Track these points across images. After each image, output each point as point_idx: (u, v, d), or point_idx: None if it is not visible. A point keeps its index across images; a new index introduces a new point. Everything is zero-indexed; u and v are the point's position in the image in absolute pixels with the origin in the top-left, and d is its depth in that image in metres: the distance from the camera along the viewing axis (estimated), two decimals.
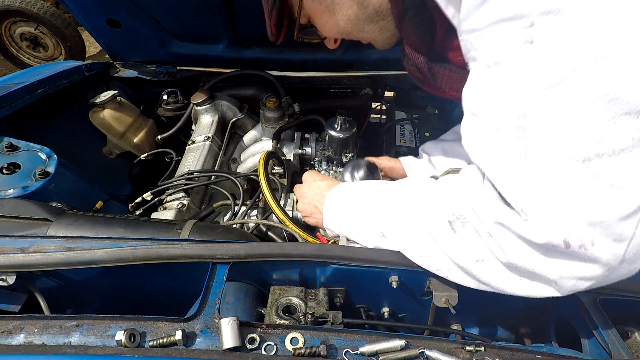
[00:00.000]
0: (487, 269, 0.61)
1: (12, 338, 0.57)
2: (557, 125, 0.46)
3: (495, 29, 0.48)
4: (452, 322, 0.88)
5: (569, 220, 0.49)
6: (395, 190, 0.80)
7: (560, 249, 0.51)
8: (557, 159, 0.48)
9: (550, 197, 0.49)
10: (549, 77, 0.45)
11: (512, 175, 0.52)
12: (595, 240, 0.48)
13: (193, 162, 1.36)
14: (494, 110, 0.52)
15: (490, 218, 0.56)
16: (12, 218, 0.86)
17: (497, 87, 0.51)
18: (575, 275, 0.53)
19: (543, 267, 0.54)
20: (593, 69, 0.42)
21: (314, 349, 0.57)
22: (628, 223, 0.47)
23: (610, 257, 0.49)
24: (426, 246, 0.68)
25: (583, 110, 0.44)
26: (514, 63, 0.48)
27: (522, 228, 0.52)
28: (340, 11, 0.80)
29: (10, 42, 3.92)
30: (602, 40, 0.41)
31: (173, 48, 1.61)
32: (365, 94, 1.62)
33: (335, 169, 1.43)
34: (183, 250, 0.70)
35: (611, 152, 0.45)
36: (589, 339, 0.69)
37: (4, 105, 1.27)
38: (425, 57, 0.79)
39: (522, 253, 0.55)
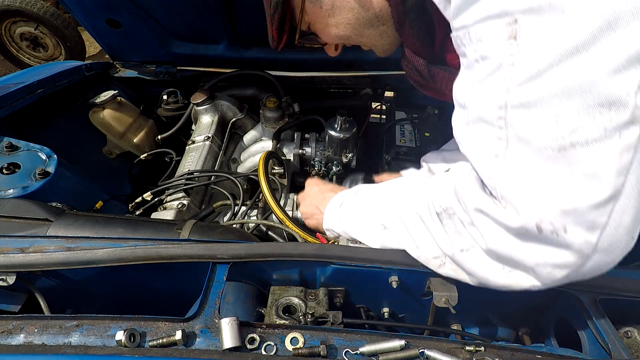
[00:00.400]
0: (471, 258, 0.63)
1: (12, 338, 0.57)
2: (535, 115, 0.49)
3: (483, 25, 0.51)
4: (452, 322, 0.88)
5: (542, 206, 0.51)
6: (393, 186, 0.84)
7: (533, 234, 0.53)
8: (534, 147, 0.50)
9: (527, 183, 0.52)
10: (529, 70, 0.48)
11: (494, 163, 0.55)
12: (567, 227, 0.50)
13: (193, 162, 1.36)
14: (480, 101, 0.55)
15: (471, 205, 0.59)
16: (12, 218, 0.86)
17: (483, 80, 0.54)
18: (550, 262, 0.54)
19: (520, 252, 0.56)
20: (569, 63, 0.45)
21: (314, 349, 0.57)
22: (600, 212, 0.48)
23: (583, 244, 0.51)
24: (421, 236, 0.71)
25: (559, 101, 0.47)
26: (499, 57, 0.50)
27: (500, 214, 0.55)
28: (341, 15, 0.81)
29: (10, 42, 3.92)
30: (577, 36, 0.44)
31: (173, 48, 1.61)
32: (365, 94, 1.62)
33: (335, 169, 1.43)
34: (183, 250, 0.70)
35: (584, 142, 0.47)
36: (589, 339, 0.69)
37: (4, 105, 1.27)
38: (425, 60, 0.80)
39: (500, 239, 0.57)
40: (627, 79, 0.43)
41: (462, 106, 0.61)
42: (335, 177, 1.44)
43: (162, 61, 1.68)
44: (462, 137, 0.62)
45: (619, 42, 0.43)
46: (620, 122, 0.45)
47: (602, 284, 0.70)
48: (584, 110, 0.46)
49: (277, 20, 0.86)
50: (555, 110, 0.47)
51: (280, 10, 0.84)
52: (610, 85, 0.44)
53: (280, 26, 0.88)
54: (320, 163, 1.44)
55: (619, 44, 0.43)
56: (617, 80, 0.44)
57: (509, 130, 0.52)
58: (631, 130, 0.45)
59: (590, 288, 0.70)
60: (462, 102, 0.60)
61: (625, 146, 0.46)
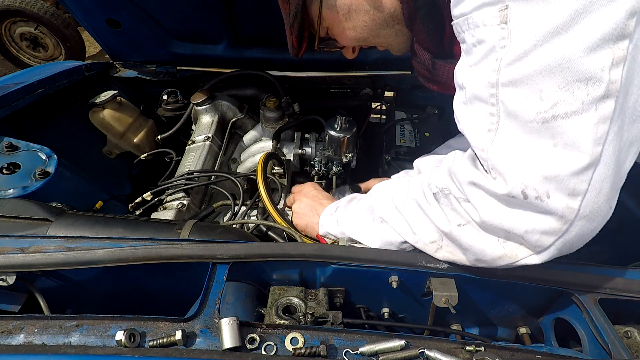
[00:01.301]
0: (467, 232, 0.66)
1: (12, 338, 0.57)
2: (522, 92, 0.54)
3: (479, 12, 0.56)
4: (452, 322, 0.88)
5: (527, 174, 0.55)
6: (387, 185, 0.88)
7: (520, 201, 0.57)
8: (521, 121, 0.55)
9: (514, 154, 0.57)
10: (517, 51, 0.53)
11: (487, 137, 0.59)
12: (550, 193, 0.55)
13: (193, 162, 1.36)
14: (475, 81, 0.60)
15: (465, 180, 0.64)
16: (12, 218, 0.86)
17: (479, 62, 0.59)
18: (538, 228, 0.58)
19: (509, 220, 0.60)
20: (550, 43, 0.50)
21: (314, 349, 0.57)
22: (580, 179, 0.53)
23: (565, 210, 0.55)
24: (418, 220, 0.74)
25: (542, 78, 0.51)
26: (492, 40, 0.55)
27: (491, 184, 0.59)
28: (357, 17, 0.85)
29: (10, 42, 3.92)
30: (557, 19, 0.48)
31: (173, 48, 1.61)
32: (365, 94, 1.62)
33: (335, 169, 1.43)
34: (183, 250, 0.70)
35: (564, 114, 0.51)
36: (589, 339, 0.69)
37: (4, 105, 1.27)
38: (431, 55, 0.84)
39: (491, 209, 0.61)
40: (602, 56, 0.48)
41: (460, 87, 0.65)
42: (335, 177, 1.44)
43: (162, 61, 1.68)
44: (460, 115, 0.67)
45: (594, 24, 0.47)
46: (596, 96, 0.49)
47: (602, 284, 0.70)
48: (564, 86, 0.50)
49: (296, 29, 0.90)
50: (540, 87, 0.52)
51: (299, 18, 0.88)
52: (587, 63, 0.48)
53: (300, 34, 0.92)
54: (320, 163, 1.44)
55: (594, 25, 0.47)
56: (593, 58, 0.48)
57: (499, 107, 0.57)
58: (606, 104, 0.49)
59: (590, 288, 0.70)
60: (461, 83, 0.65)
61: (601, 118, 0.50)
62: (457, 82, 0.66)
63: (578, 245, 0.61)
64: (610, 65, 0.48)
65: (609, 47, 0.47)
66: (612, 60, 0.48)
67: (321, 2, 0.86)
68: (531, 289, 0.73)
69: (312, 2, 0.87)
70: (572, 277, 0.70)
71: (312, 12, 0.89)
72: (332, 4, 0.85)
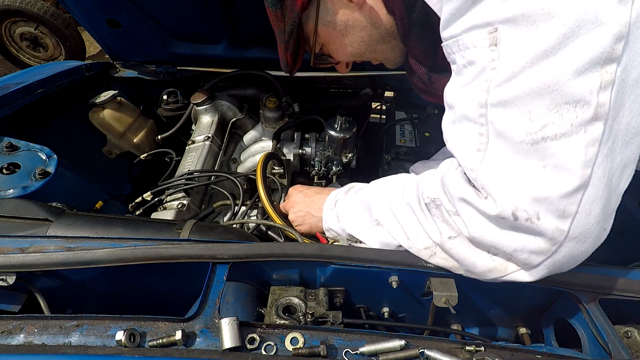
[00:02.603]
0: (458, 245, 0.66)
1: (12, 338, 0.57)
2: (511, 113, 0.54)
3: (469, 35, 0.57)
4: (452, 322, 0.88)
5: (517, 196, 0.56)
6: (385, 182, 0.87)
7: (510, 222, 0.57)
8: (511, 142, 0.55)
9: (504, 175, 0.57)
10: (506, 73, 0.53)
11: (476, 157, 0.60)
12: (540, 215, 0.55)
13: (193, 162, 1.36)
14: (465, 101, 0.61)
15: (456, 195, 0.63)
16: (12, 218, 0.86)
17: (469, 82, 0.59)
18: (527, 248, 0.59)
19: (499, 239, 0.60)
20: (539, 65, 0.50)
21: (314, 349, 0.57)
22: (570, 201, 0.53)
23: (555, 231, 0.55)
24: (412, 227, 0.73)
25: (531, 100, 0.52)
26: (483, 62, 0.56)
27: (481, 203, 0.59)
28: (354, 34, 0.86)
29: (10, 42, 3.92)
30: (545, 42, 0.49)
31: (173, 48, 1.60)
32: (365, 94, 1.62)
33: (335, 169, 1.43)
34: (183, 250, 0.70)
35: (553, 136, 0.52)
36: (589, 339, 0.69)
37: (4, 105, 1.27)
38: (427, 69, 0.85)
39: (481, 227, 0.61)
40: (590, 80, 0.48)
41: (450, 107, 0.66)
42: (335, 177, 1.44)
43: (162, 61, 1.68)
44: (449, 134, 0.67)
45: (581, 48, 0.48)
46: (584, 119, 0.50)
47: (602, 284, 0.70)
48: (553, 108, 0.51)
49: (292, 46, 0.90)
50: (529, 108, 0.53)
51: (295, 36, 0.88)
52: (575, 86, 0.49)
53: (295, 51, 0.92)
54: (320, 163, 1.44)
55: (582, 49, 0.48)
56: (581, 81, 0.49)
57: (489, 127, 0.57)
58: (595, 126, 0.50)
59: (590, 288, 0.70)
60: (450, 103, 0.65)
61: (590, 140, 0.50)
62: (447, 101, 0.66)
63: (569, 265, 0.61)
64: (599, 89, 0.48)
65: (596, 70, 0.48)
66: (600, 83, 0.48)
67: (317, 19, 0.86)
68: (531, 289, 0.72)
69: (307, 19, 0.87)
70: (572, 277, 0.70)
71: (307, 28, 0.89)
72: (329, 21, 0.86)
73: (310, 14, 0.86)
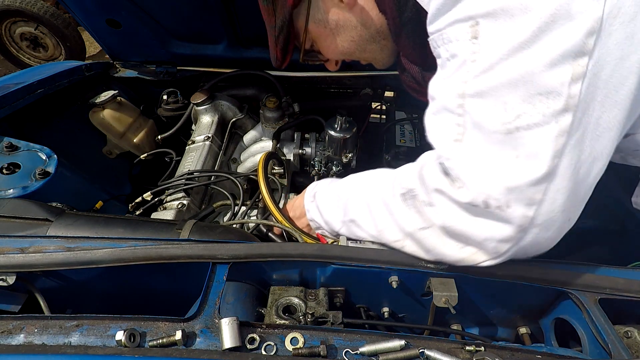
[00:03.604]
0: (429, 235, 0.68)
1: (12, 338, 0.57)
2: (487, 103, 0.56)
3: (452, 28, 0.59)
4: (452, 322, 0.88)
5: (490, 185, 0.57)
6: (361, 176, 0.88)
7: (481, 209, 0.59)
8: (486, 132, 0.56)
9: (479, 164, 0.58)
10: (484, 64, 0.55)
11: (453, 147, 0.61)
12: (510, 203, 0.57)
13: (193, 162, 1.35)
14: (445, 93, 0.62)
15: (432, 186, 0.65)
16: (12, 218, 0.86)
17: (451, 75, 0.61)
18: (496, 236, 0.60)
19: (470, 228, 0.62)
20: (515, 57, 0.52)
21: (314, 349, 0.57)
22: (537, 189, 0.55)
23: (522, 218, 0.57)
24: (383, 219, 0.74)
25: (507, 90, 0.53)
26: (464, 54, 0.57)
27: (455, 192, 0.61)
28: (345, 33, 0.87)
29: (10, 42, 3.92)
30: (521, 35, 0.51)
31: (173, 48, 1.60)
32: (365, 94, 1.62)
33: (335, 169, 1.42)
34: (183, 250, 0.70)
35: (527, 126, 0.53)
36: (589, 339, 0.69)
37: (4, 105, 1.27)
38: (420, 67, 0.86)
39: (453, 215, 0.63)
40: (562, 72, 0.50)
41: (432, 98, 0.67)
42: (335, 177, 1.44)
43: (162, 61, 1.68)
44: (429, 125, 0.68)
45: (555, 41, 0.50)
46: (556, 109, 0.51)
47: (602, 284, 0.70)
48: (526, 98, 0.53)
49: (282, 42, 0.91)
50: (504, 99, 0.54)
51: (285, 31, 0.89)
52: (548, 77, 0.51)
53: (285, 47, 0.93)
54: (320, 163, 1.44)
55: (555, 42, 0.50)
56: (553, 72, 0.50)
57: (466, 117, 0.59)
58: (565, 117, 0.51)
59: (590, 288, 0.70)
60: (432, 95, 0.67)
61: (560, 131, 0.52)
62: (430, 94, 0.68)
63: (533, 252, 0.64)
64: (570, 81, 0.50)
65: (568, 63, 0.50)
66: (571, 75, 0.50)
67: (308, 16, 0.87)
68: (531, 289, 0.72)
69: (298, 16, 0.88)
70: (572, 277, 0.70)
71: (298, 25, 0.90)
72: (320, 19, 0.86)
73: (301, 11, 0.87)
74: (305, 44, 0.94)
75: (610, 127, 0.55)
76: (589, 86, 0.51)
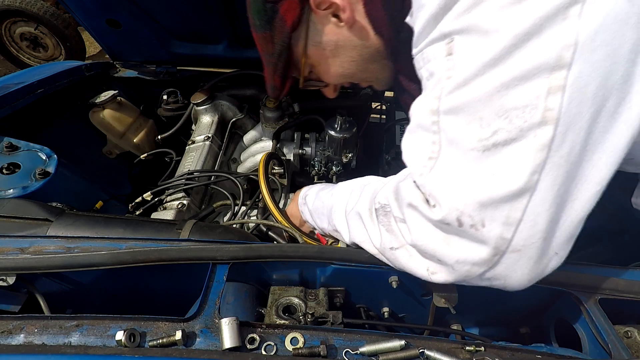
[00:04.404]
0: (400, 256, 0.65)
1: (12, 338, 0.57)
2: (462, 120, 0.54)
3: (431, 47, 0.59)
4: (452, 322, 0.88)
5: (463, 201, 0.54)
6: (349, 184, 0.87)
7: (455, 228, 0.56)
8: (462, 149, 0.55)
9: (453, 182, 0.56)
10: (458, 80, 0.54)
11: (427, 165, 0.59)
12: (485, 222, 0.53)
13: (193, 162, 1.36)
14: (420, 110, 0.61)
15: (405, 200, 0.63)
16: (12, 218, 0.86)
17: (427, 92, 0.60)
18: (469, 259, 0.56)
19: (442, 248, 0.58)
20: (489, 72, 0.51)
21: (314, 349, 0.57)
22: (513, 206, 0.52)
23: (498, 239, 0.53)
24: (360, 233, 0.74)
25: (482, 106, 0.52)
26: (440, 72, 0.57)
27: (427, 210, 0.59)
28: (345, 53, 0.85)
29: (10, 42, 3.91)
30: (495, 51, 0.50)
31: (173, 48, 1.60)
32: (365, 94, 1.62)
33: (335, 169, 1.42)
34: (183, 252, 0.70)
35: (504, 142, 0.51)
36: (589, 339, 0.69)
37: (4, 105, 1.27)
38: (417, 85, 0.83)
39: (425, 233, 0.60)
40: (537, 85, 0.49)
41: (410, 116, 0.65)
42: (335, 177, 1.44)
43: (162, 61, 1.68)
44: (404, 144, 0.67)
45: (529, 55, 0.49)
46: (533, 123, 0.49)
47: (602, 284, 0.70)
48: (502, 114, 0.51)
49: (281, 68, 0.89)
50: (479, 114, 0.53)
51: (284, 58, 0.87)
52: (523, 91, 0.50)
53: (284, 73, 0.91)
54: (320, 163, 1.44)
55: (529, 56, 0.49)
56: (528, 86, 0.49)
57: (441, 135, 0.57)
58: (544, 130, 0.49)
59: (591, 288, 0.70)
60: (411, 113, 0.65)
61: (540, 145, 0.50)
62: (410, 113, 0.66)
63: (509, 283, 0.58)
64: (547, 94, 0.48)
65: (544, 76, 0.48)
66: (547, 88, 0.48)
67: (307, 39, 0.85)
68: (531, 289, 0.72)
69: (297, 41, 0.86)
70: (572, 277, 0.70)
71: (297, 50, 0.88)
72: (319, 41, 0.84)
73: (300, 35, 0.85)
74: (304, 69, 0.92)
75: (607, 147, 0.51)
76: (572, 100, 0.48)
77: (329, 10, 0.79)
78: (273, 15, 0.81)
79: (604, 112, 0.50)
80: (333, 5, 0.77)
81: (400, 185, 0.66)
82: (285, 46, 0.85)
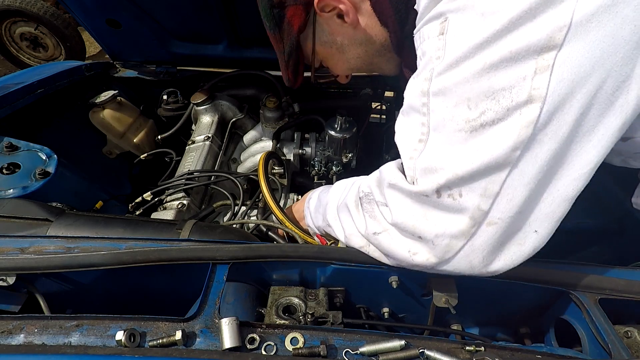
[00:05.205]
0: (384, 239, 0.66)
1: (12, 338, 0.57)
2: (450, 101, 0.55)
3: (427, 26, 0.59)
4: (452, 322, 0.88)
5: (441, 173, 0.56)
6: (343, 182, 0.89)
7: (433, 200, 0.57)
8: (450, 130, 0.55)
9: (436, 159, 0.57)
10: (448, 61, 0.54)
11: (417, 147, 0.60)
12: (463, 192, 0.55)
13: (193, 162, 1.36)
14: (412, 92, 0.62)
15: (386, 181, 0.64)
16: (12, 218, 0.86)
17: (418, 73, 0.60)
18: (448, 232, 0.57)
19: (421, 222, 0.59)
20: (479, 54, 0.51)
21: (314, 349, 0.57)
22: (492, 179, 0.53)
23: (476, 210, 0.55)
24: (349, 225, 0.75)
25: (470, 87, 0.53)
26: (431, 51, 0.57)
27: (408, 185, 0.60)
28: (351, 51, 0.90)
29: (10, 42, 3.92)
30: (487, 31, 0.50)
31: (173, 48, 1.60)
32: (365, 94, 1.62)
33: (335, 169, 1.42)
34: (183, 252, 0.70)
35: (491, 122, 0.52)
36: (589, 339, 0.69)
37: (4, 105, 1.27)
38: None
39: (404, 209, 0.61)
40: (525, 66, 0.49)
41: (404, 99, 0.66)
42: (336, 177, 1.44)
43: (162, 61, 1.68)
44: (397, 126, 0.67)
45: (519, 37, 0.49)
46: (519, 102, 0.50)
47: (602, 284, 0.70)
48: (490, 95, 0.51)
49: (292, 65, 0.96)
50: (467, 96, 0.53)
51: (294, 56, 0.93)
52: (511, 72, 0.50)
53: (296, 69, 0.97)
54: (320, 163, 1.44)
55: (519, 38, 0.49)
56: (516, 67, 0.50)
57: (430, 116, 0.58)
58: (530, 108, 0.50)
59: (590, 288, 0.70)
60: (405, 95, 0.65)
61: (525, 122, 0.50)
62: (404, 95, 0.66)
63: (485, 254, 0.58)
64: (533, 74, 0.49)
65: (533, 58, 0.49)
66: (535, 69, 0.49)
67: (314, 39, 0.90)
68: (531, 289, 0.73)
69: (305, 40, 0.91)
70: (572, 277, 0.70)
71: (306, 48, 0.93)
72: (325, 40, 0.89)
73: (308, 35, 0.90)
74: (314, 63, 0.98)
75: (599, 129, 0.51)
76: (560, 81, 0.48)
77: (333, 13, 0.82)
78: (280, 20, 0.86)
79: (600, 94, 0.50)
80: (336, 8, 0.81)
81: (381, 169, 0.68)
82: (294, 46, 0.90)
